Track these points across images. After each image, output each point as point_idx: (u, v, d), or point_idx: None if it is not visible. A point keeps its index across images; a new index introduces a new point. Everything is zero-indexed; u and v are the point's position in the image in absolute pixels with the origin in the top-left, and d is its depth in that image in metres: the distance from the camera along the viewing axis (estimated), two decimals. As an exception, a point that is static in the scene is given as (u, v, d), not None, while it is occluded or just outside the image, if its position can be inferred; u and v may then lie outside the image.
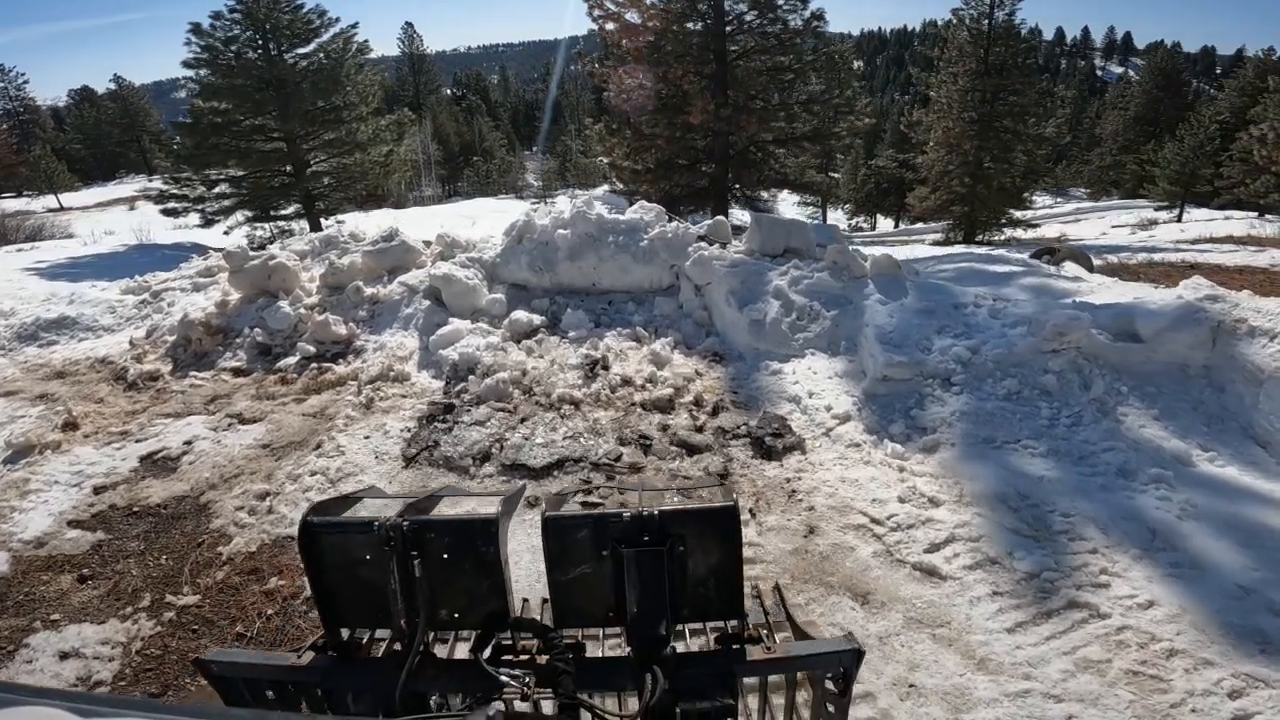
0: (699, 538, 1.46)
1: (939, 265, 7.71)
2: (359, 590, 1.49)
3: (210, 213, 20.26)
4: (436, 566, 1.45)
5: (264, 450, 4.49)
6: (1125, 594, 3.11)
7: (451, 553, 1.46)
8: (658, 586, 1.43)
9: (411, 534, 1.43)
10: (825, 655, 1.49)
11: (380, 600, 1.46)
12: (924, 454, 4.16)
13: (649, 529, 1.43)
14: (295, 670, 1.49)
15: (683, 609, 1.49)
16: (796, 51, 17.34)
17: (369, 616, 1.53)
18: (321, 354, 5.37)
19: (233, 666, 1.48)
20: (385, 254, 5.82)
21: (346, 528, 1.48)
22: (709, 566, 1.48)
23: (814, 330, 4.83)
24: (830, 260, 4.94)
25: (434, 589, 1.46)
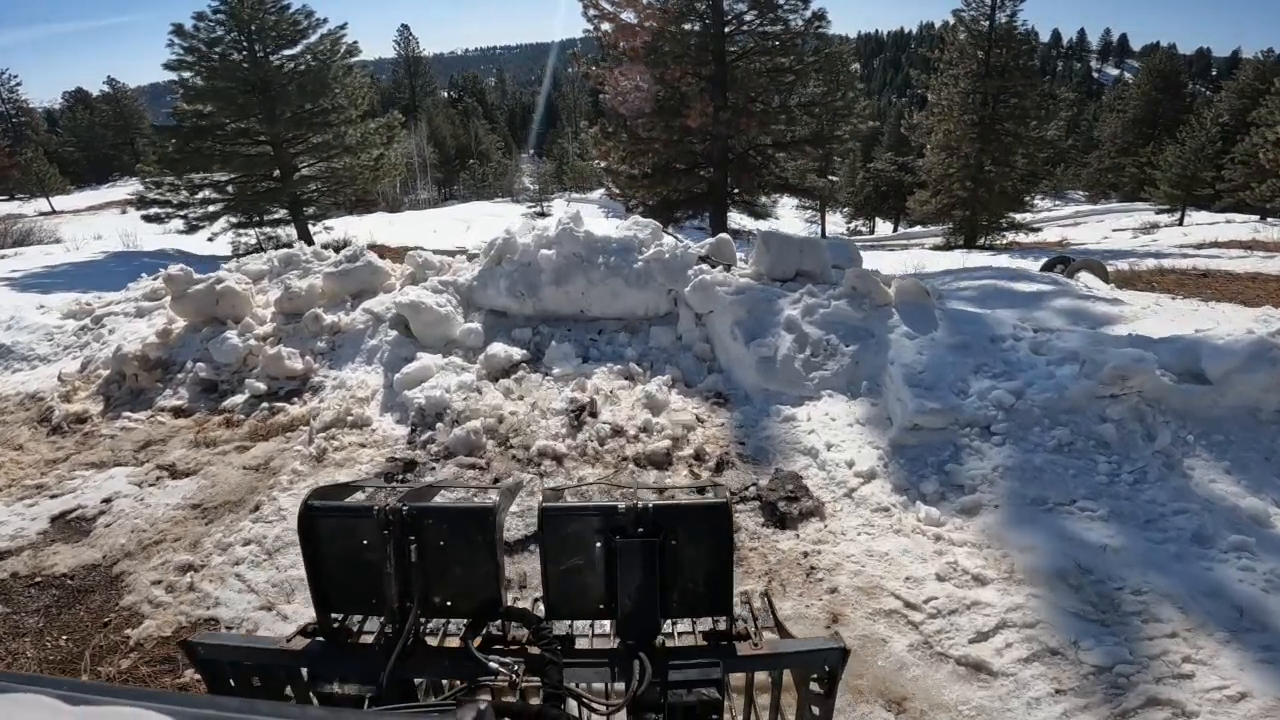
0: (691, 533, 1.49)
1: (957, 283, 7.10)
2: (354, 575, 1.51)
3: (194, 218, 19.69)
4: (433, 552, 1.48)
5: (193, 511, 3.89)
6: (1213, 685, 2.66)
7: (448, 540, 1.48)
8: (649, 577, 1.46)
9: (410, 519, 1.45)
10: (811, 653, 1.52)
11: (374, 586, 1.48)
12: (963, 518, 3.58)
13: (644, 521, 1.46)
14: (283, 654, 1.50)
15: (673, 603, 1.52)
16: (797, 52, 16.82)
17: (362, 603, 1.54)
18: (274, 392, 4.75)
19: (219, 650, 1.50)
20: (348, 276, 5.20)
21: (346, 511, 1.51)
22: (700, 562, 1.51)
23: (831, 368, 4.22)
24: (849, 286, 4.34)
25: (429, 575, 1.49)
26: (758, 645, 1.54)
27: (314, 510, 1.49)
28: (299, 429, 4.46)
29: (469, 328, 4.66)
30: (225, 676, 1.52)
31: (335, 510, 1.52)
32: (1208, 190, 38.68)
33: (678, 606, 1.54)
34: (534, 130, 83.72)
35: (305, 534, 1.50)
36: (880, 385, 4.28)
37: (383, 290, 5.25)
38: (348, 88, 19.53)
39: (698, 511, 1.52)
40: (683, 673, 1.45)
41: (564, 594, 1.54)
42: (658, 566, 1.48)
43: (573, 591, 1.54)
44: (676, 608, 1.54)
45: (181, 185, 19.31)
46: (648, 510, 1.48)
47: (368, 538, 1.48)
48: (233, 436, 4.53)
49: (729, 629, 1.58)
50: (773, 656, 1.53)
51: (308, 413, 4.57)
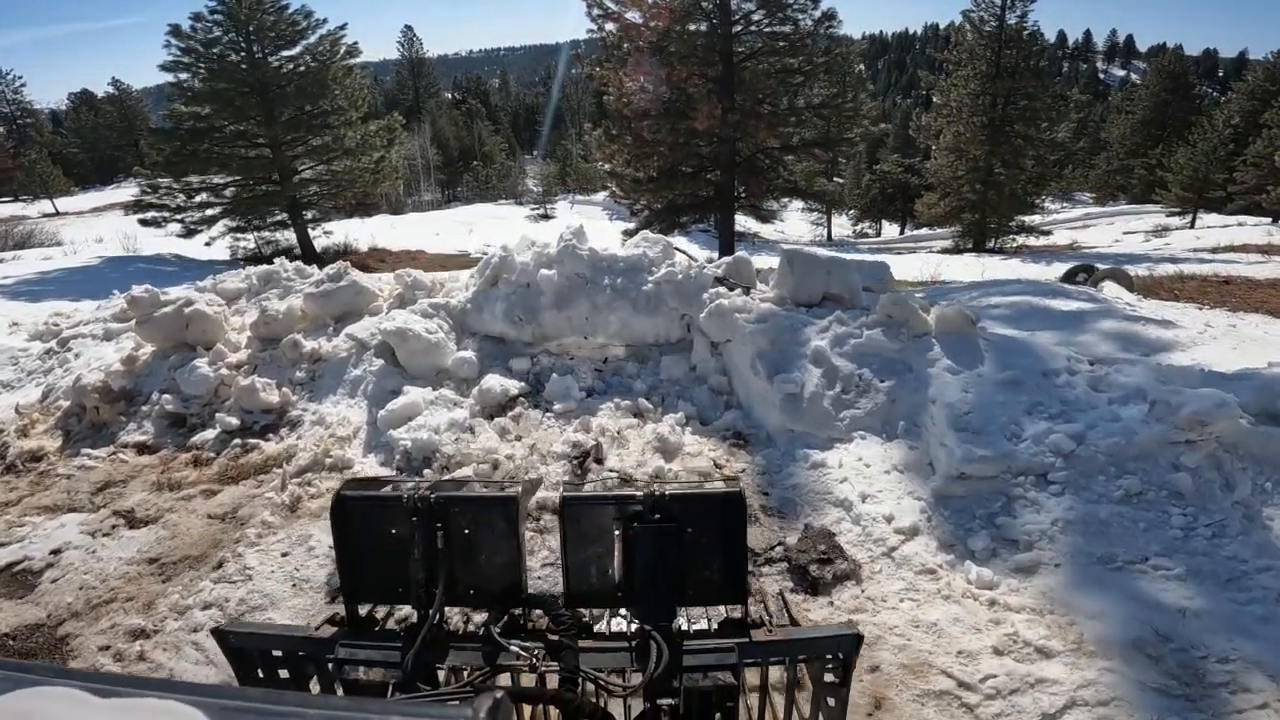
0: (707, 521, 1.54)
1: (986, 299, 6.64)
2: (382, 564, 1.56)
3: (191, 223, 19.33)
4: (458, 539, 1.54)
5: (149, 567, 3.48)
6: (1313, 761, 2.26)
7: (474, 527, 1.54)
8: (666, 562, 1.50)
9: (438, 506, 1.52)
10: (826, 639, 1.57)
11: (401, 574, 1.54)
12: (1019, 578, 3.17)
13: (661, 509, 1.51)
14: (310, 641, 1.56)
15: (689, 590, 1.56)
16: (807, 53, 16.37)
17: (389, 591, 1.59)
18: (247, 427, 4.32)
19: (249, 638, 1.58)
20: (331, 298, 4.75)
21: (379, 500, 1.58)
22: (715, 550, 1.56)
23: (864, 406, 3.78)
24: (883, 313, 3.90)
25: (454, 561, 1.54)
26: (772, 632, 1.56)
27: (346, 500, 1.55)
28: (273, 470, 4.03)
29: (461, 357, 4.22)
30: (254, 664, 1.57)
31: (366, 499, 1.57)
32: (1219, 193, 38.41)
33: (694, 595, 1.57)
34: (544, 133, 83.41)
35: (338, 522, 1.55)
36: (920, 426, 3.85)
37: (369, 313, 4.81)
38: (347, 89, 19.16)
39: (713, 500, 1.55)
40: (698, 657, 1.47)
41: (583, 581, 1.58)
42: (674, 552, 1.51)
43: (592, 579, 1.57)
44: (692, 596, 1.57)
45: (179, 189, 18.96)
46: (664, 498, 1.52)
47: (396, 525, 1.54)
48: (200, 478, 4.11)
49: (744, 617, 1.61)
50: (787, 643, 1.55)
51: (283, 451, 4.15)
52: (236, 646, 1.55)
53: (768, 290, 4.46)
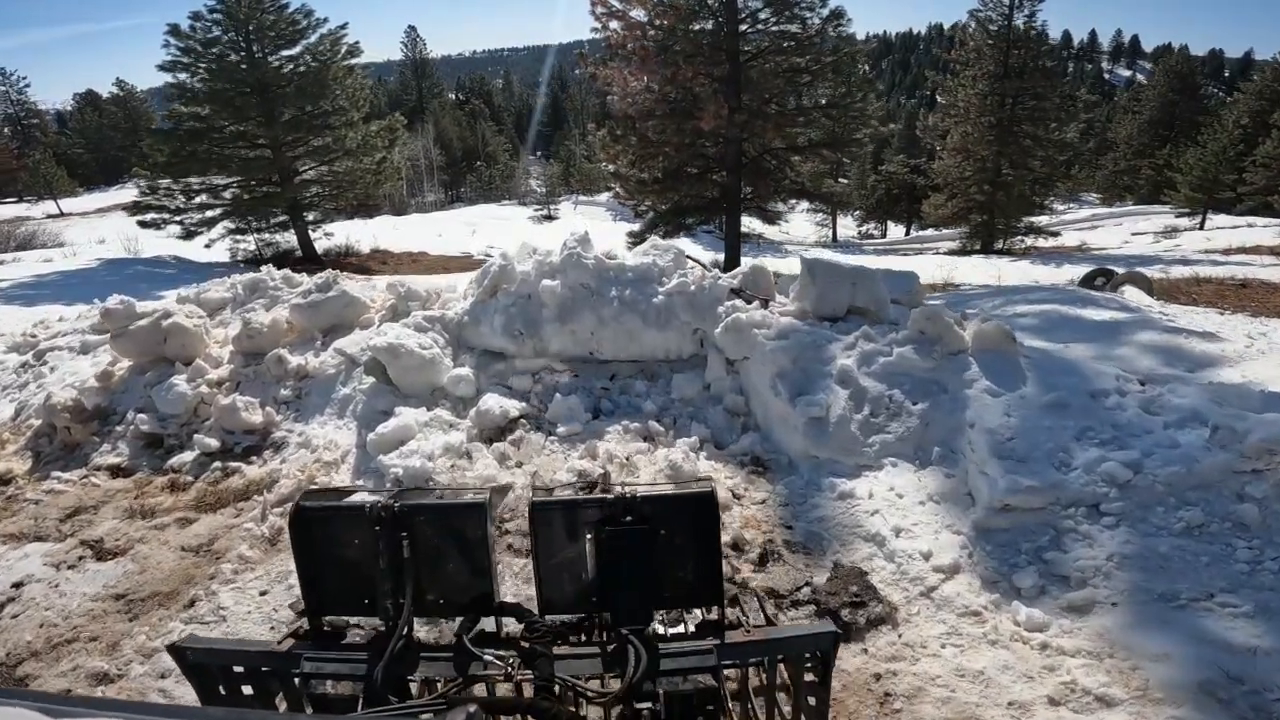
0: (679, 522, 1.50)
1: (1010, 307, 6.33)
2: (347, 575, 1.51)
3: (191, 224, 19.08)
4: (425, 549, 1.49)
5: (116, 603, 3.22)
6: None
7: (440, 536, 1.49)
8: (640, 566, 1.47)
9: (402, 515, 1.47)
10: (803, 638, 1.54)
11: (366, 587, 1.49)
12: (1072, 618, 2.90)
13: (632, 510, 1.48)
14: (274, 656, 1.49)
15: (664, 593, 1.53)
16: (815, 52, 16.04)
17: (354, 603, 1.53)
18: (228, 448, 4.04)
19: (208, 654, 1.49)
20: (319, 309, 4.45)
21: (340, 511, 1.53)
22: (689, 551, 1.52)
23: (895, 430, 3.48)
24: (915, 329, 3.59)
25: (421, 572, 1.49)
26: (750, 632, 1.53)
27: (306, 511, 1.49)
28: (255, 497, 3.74)
29: (458, 374, 3.93)
30: (215, 681, 1.49)
31: (327, 510, 1.52)
32: (1228, 194, 38.18)
33: (670, 597, 1.54)
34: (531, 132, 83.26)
35: (297, 535, 1.49)
36: (956, 452, 3.55)
37: (359, 325, 4.52)
38: (348, 89, 18.89)
39: (685, 501, 1.52)
40: (676, 660, 1.44)
41: (556, 587, 1.53)
42: (647, 555, 1.47)
43: (565, 585, 1.53)
44: (668, 598, 1.54)
45: (178, 190, 18.71)
46: (635, 500, 1.48)
47: (360, 536, 1.48)
48: (175, 505, 3.82)
49: (720, 618, 1.57)
50: (765, 643, 1.51)
51: (266, 475, 3.87)
52: (195, 663, 1.48)
53: (787, 303, 4.15)
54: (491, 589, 1.53)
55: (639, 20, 15.66)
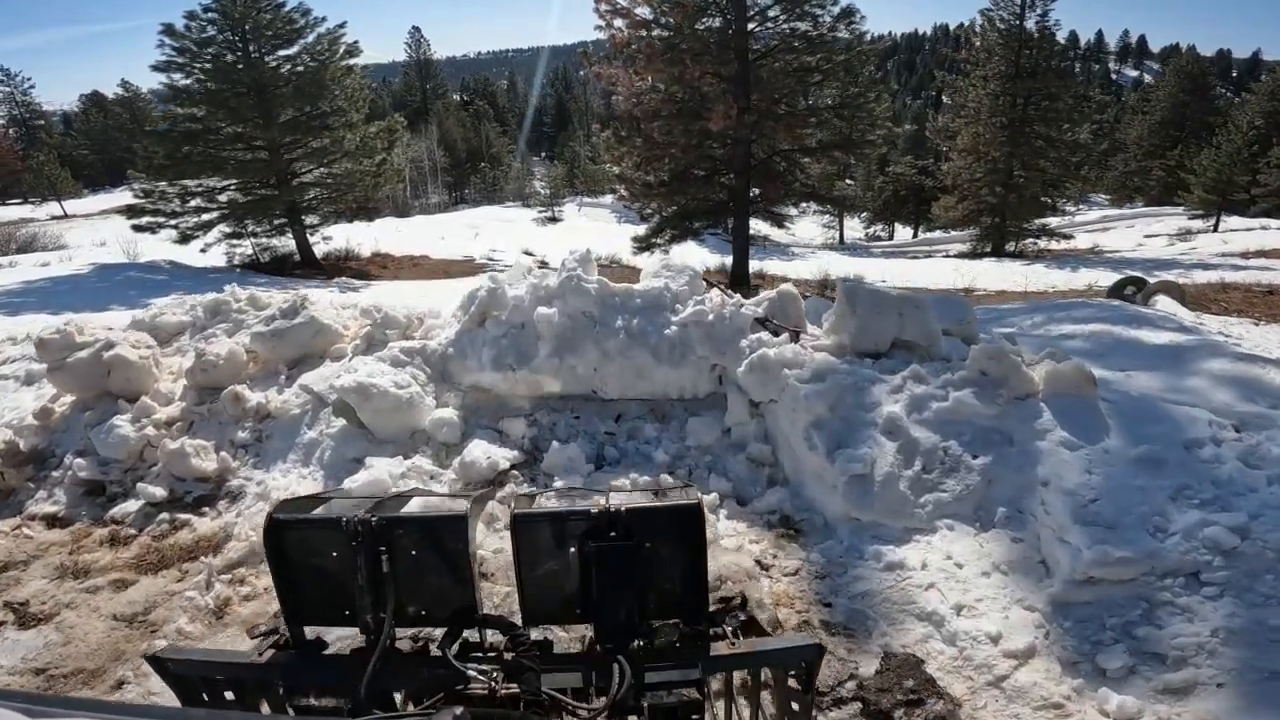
0: (664, 535, 1.48)
1: (1054, 326, 5.78)
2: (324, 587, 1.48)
3: (186, 228, 18.62)
4: (405, 562, 1.45)
5: (35, 679, 2.83)
6: None
7: (420, 549, 1.46)
8: (624, 581, 1.45)
9: (380, 530, 1.43)
10: (788, 650, 1.55)
11: (346, 597, 1.46)
12: (1170, 702, 2.40)
13: (616, 525, 1.44)
14: (255, 668, 1.48)
15: (649, 605, 1.50)
16: (826, 50, 15.49)
17: (334, 614, 1.51)
18: (178, 497, 3.53)
19: (189, 664, 1.48)
20: (283, 338, 3.93)
21: (314, 524, 1.48)
22: (674, 563, 1.50)
23: (951, 489, 2.95)
24: (975, 369, 3.06)
25: (401, 585, 1.46)
26: (735, 645, 1.53)
27: (280, 524, 1.47)
28: (203, 558, 3.23)
29: (441, 417, 3.40)
30: (197, 692, 1.49)
31: (301, 523, 1.49)
32: (1242, 195, 37.81)
33: (654, 609, 1.51)
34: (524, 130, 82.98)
35: (272, 547, 1.47)
36: (1025, 512, 3.04)
37: (330, 356, 3.99)
38: (347, 90, 18.42)
39: (670, 514, 1.50)
40: (661, 674, 1.44)
41: (540, 600, 1.52)
42: (632, 570, 1.45)
43: (548, 597, 1.51)
44: (653, 610, 1.51)
45: (173, 193, 18.26)
46: (620, 514, 1.45)
47: (337, 550, 1.45)
48: (113, 562, 3.32)
49: (706, 630, 1.55)
50: (750, 655, 1.52)
51: (219, 530, 3.37)
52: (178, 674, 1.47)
53: (821, 335, 3.60)
54: (474, 600, 1.50)
55: (644, 18, 15.12)
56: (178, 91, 17.44)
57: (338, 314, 4.15)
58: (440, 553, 1.47)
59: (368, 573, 1.43)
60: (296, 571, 1.49)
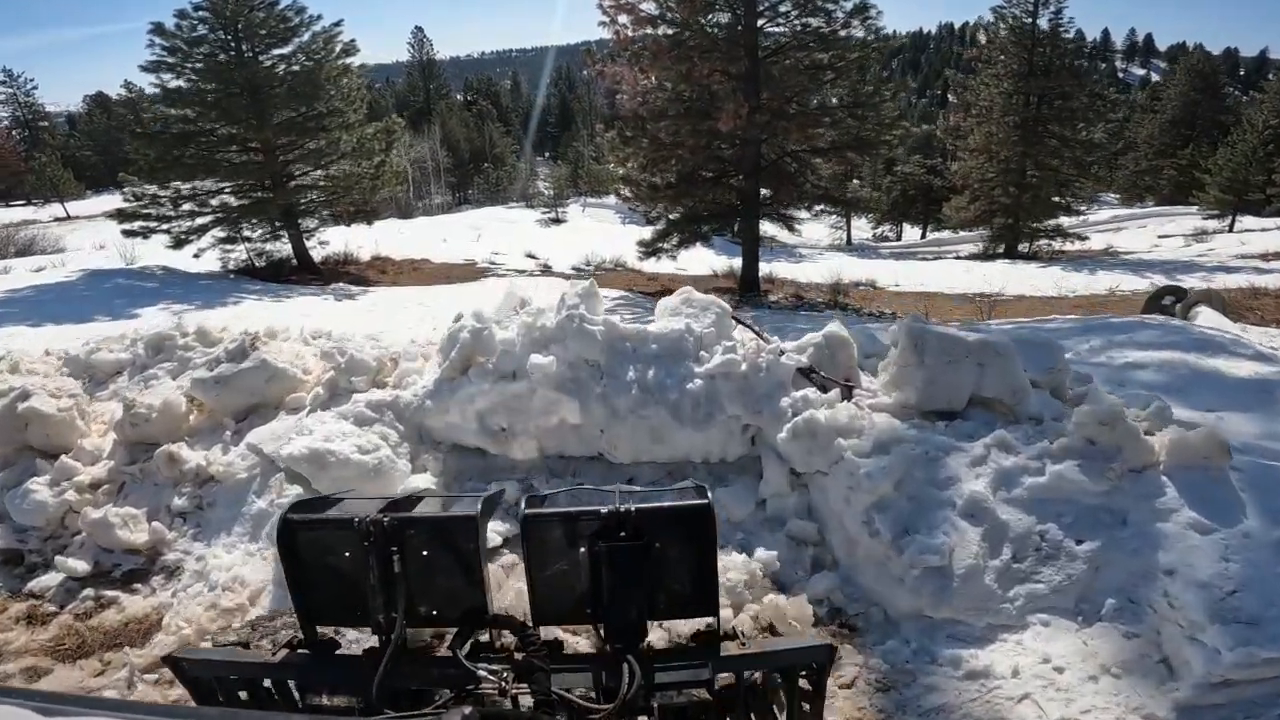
0: (674, 535, 1.48)
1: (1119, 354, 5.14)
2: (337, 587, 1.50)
3: (179, 232, 18.09)
4: (416, 563, 1.47)
5: None
6: None
7: (431, 549, 1.47)
8: (634, 582, 1.46)
9: (392, 530, 1.45)
10: (799, 650, 1.53)
11: (358, 597, 1.48)
12: None
13: (626, 525, 1.44)
14: (269, 668, 1.50)
15: (659, 605, 1.51)
16: (840, 47, 14.86)
17: (347, 614, 1.53)
18: (105, 571, 2.97)
19: (206, 665, 1.51)
20: (229, 386, 3.28)
21: (327, 524, 1.50)
22: (684, 563, 1.50)
23: (1049, 578, 2.37)
24: (1080, 436, 2.46)
25: (413, 585, 1.47)
26: (745, 645, 1.53)
27: (293, 525, 1.48)
28: (135, 643, 2.66)
29: (417, 485, 2.80)
30: (213, 692, 1.51)
31: (314, 524, 1.50)
32: (1258, 195, 37.32)
33: (664, 608, 1.52)
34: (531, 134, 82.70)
35: (285, 548, 1.49)
36: (1139, 602, 2.46)
37: (286, 407, 3.37)
38: (343, 89, 17.84)
39: (680, 514, 1.49)
40: (671, 674, 1.44)
41: (549, 600, 1.52)
42: (642, 570, 1.45)
43: (558, 597, 1.52)
44: (663, 610, 1.53)
45: (165, 197, 17.72)
46: (630, 514, 1.45)
47: (349, 550, 1.46)
48: (28, 644, 2.76)
49: (716, 629, 1.55)
50: (760, 655, 1.51)
51: (153, 611, 2.83)
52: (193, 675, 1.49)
53: (877, 388, 2.96)
54: (485, 601, 1.51)
55: (649, 13, 14.51)
56: (169, 92, 16.91)
57: (298, 354, 3.53)
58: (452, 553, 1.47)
59: (379, 572, 1.43)
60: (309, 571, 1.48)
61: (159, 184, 17.49)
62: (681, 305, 3.22)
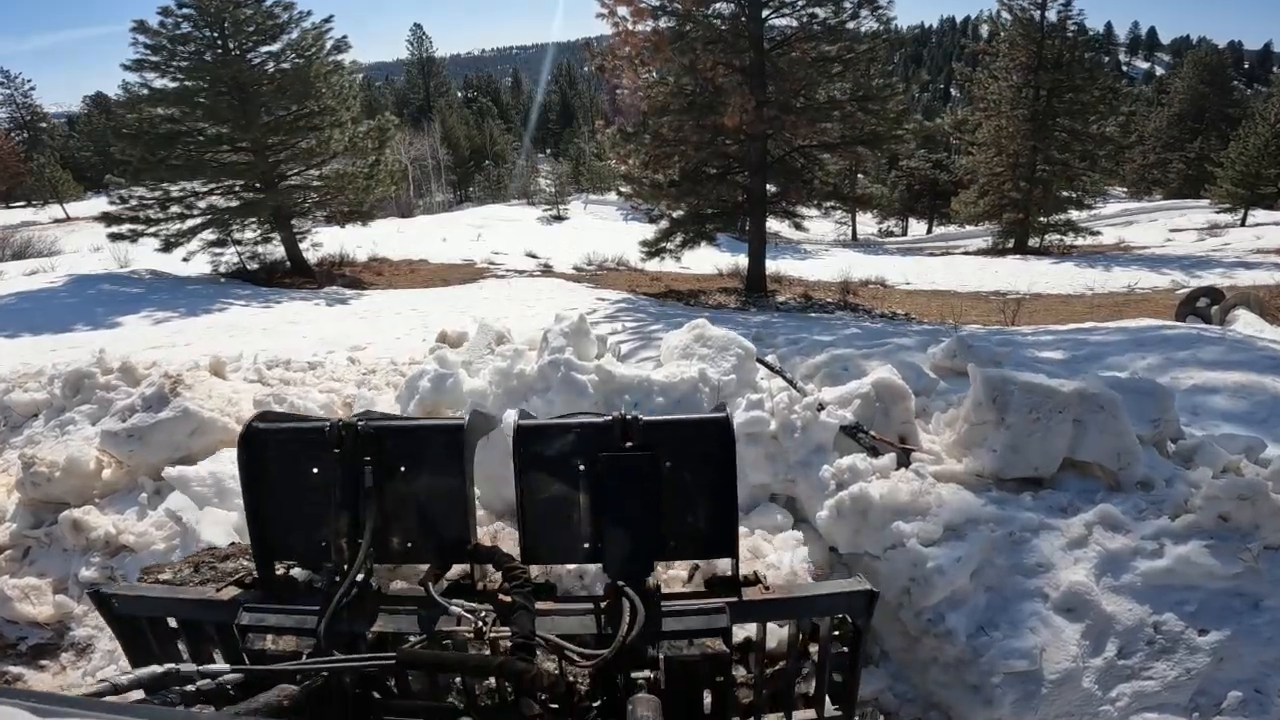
0: (689, 453, 1.31)
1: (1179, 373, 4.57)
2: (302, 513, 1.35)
3: (169, 235, 17.62)
4: (392, 478, 1.31)
5: None
6: None
7: (410, 462, 1.31)
8: (640, 500, 1.29)
9: (367, 437, 1.29)
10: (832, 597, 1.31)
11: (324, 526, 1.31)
12: None
13: (632, 435, 1.29)
14: (211, 606, 1.34)
15: (669, 540, 1.35)
16: (849, 39, 14.32)
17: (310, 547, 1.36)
18: (10, 644, 2.48)
19: (138, 602, 1.35)
20: (144, 441, 2.69)
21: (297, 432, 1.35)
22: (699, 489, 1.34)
23: (1163, 674, 1.88)
24: (1210, 511, 1.93)
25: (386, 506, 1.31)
26: (769, 590, 1.35)
27: (258, 433, 1.34)
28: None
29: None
30: (142, 634, 1.35)
31: (282, 431, 1.36)
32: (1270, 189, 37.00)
33: (674, 545, 1.36)
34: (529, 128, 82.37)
35: (247, 460, 1.34)
36: (1267, 692, 1.92)
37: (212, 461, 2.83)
38: (334, 87, 17.32)
39: (695, 427, 1.36)
40: (681, 620, 1.27)
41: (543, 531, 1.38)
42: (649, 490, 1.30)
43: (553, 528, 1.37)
44: (673, 547, 1.37)
45: (153, 199, 17.24)
46: (637, 423, 1.30)
47: (319, 464, 1.32)
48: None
49: (734, 573, 1.38)
50: (785, 601, 1.33)
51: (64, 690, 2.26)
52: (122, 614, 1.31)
53: (943, 451, 2.35)
54: (468, 531, 1.34)
55: (649, 4, 13.95)
56: (154, 91, 16.43)
57: (230, 398, 2.98)
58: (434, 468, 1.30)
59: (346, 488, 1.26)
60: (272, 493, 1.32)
61: (146, 185, 17.03)
62: (694, 344, 2.63)
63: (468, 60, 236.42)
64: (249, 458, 1.33)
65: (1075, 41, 28.76)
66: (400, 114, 45.03)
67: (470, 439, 1.34)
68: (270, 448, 1.33)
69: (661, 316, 11.52)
